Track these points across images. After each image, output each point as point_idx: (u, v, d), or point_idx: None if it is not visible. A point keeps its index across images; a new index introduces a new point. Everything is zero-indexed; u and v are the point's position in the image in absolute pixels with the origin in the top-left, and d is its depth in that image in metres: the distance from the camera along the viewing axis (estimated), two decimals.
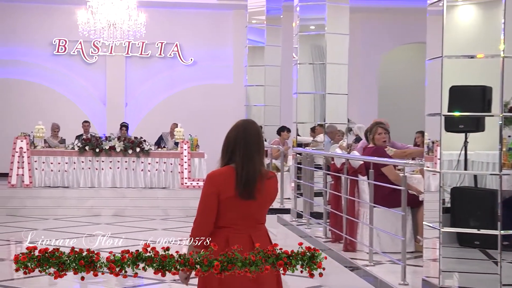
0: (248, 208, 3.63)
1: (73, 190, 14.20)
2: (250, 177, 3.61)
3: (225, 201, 3.61)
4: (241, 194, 3.59)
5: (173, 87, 19.02)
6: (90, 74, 18.74)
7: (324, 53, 10.59)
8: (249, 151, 3.65)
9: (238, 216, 3.64)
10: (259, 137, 3.73)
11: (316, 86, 10.89)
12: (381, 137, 7.77)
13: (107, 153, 14.48)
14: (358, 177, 7.60)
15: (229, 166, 3.67)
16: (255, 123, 3.81)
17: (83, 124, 16.08)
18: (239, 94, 17.93)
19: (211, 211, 3.61)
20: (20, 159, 14.13)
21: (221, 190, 3.61)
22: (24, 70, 18.37)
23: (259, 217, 3.71)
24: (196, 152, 14.80)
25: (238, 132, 3.72)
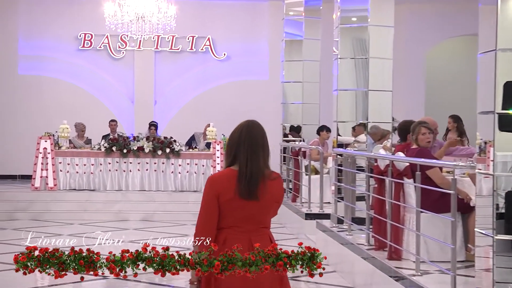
0: (250, 209, 3.79)
1: (100, 193, 14.35)
2: (253, 176, 3.78)
3: (225, 203, 3.78)
4: (242, 194, 3.76)
5: (205, 83, 19.10)
6: (117, 70, 18.92)
7: (366, 46, 10.54)
8: (253, 152, 3.84)
9: (239, 218, 3.80)
10: (263, 138, 3.93)
11: (358, 82, 10.84)
12: (425, 137, 7.70)
13: (135, 154, 14.61)
14: (404, 180, 7.55)
15: (230, 168, 3.86)
16: (259, 124, 3.99)
17: (110, 123, 16.24)
18: (275, 91, 17.94)
19: (211, 214, 3.80)
20: (44, 161, 14.33)
21: (220, 192, 3.78)
22: (47, 66, 18.63)
23: (262, 220, 3.86)
24: None
25: (242, 133, 3.90)
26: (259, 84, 19.05)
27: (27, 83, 18.59)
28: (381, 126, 10.61)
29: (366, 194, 8.78)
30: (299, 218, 11.78)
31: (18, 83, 18.53)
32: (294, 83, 16.09)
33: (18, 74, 18.60)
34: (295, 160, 13.26)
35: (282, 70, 16.31)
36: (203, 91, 19.11)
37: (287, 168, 14.14)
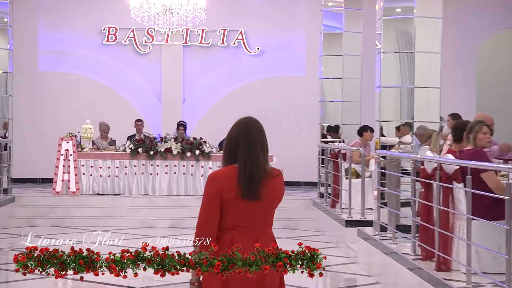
0: (253, 209, 3.96)
1: (125, 198, 14.47)
2: (254, 176, 3.94)
3: (228, 202, 3.94)
4: (245, 194, 3.92)
5: (237, 80, 19.14)
6: (143, 66, 19.03)
7: (412, 40, 10.48)
8: (252, 150, 4.00)
9: (242, 218, 3.96)
10: (262, 135, 4.10)
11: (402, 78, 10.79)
12: (486, 137, 7.63)
13: (162, 156, 14.69)
14: (453, 184, 7.49)
15: (232, 166, 4.01)
16: (257, 121, 4.17)
17: (136, 123, 16.34)
18: (312, 88, 17.89)
19: (213, 213, 3.95)
20: (65, 163, 14.48)
21: (223, 190, 3.94)
22: (69, 62, 18.80)
23: (265, 219, 4.04)
24: None
25: (240, 130, 4.06)
26: (295, 81, 19.03)
27: (48, 80, 18.79)
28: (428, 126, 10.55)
29: (411, 199, 8.73)
30: (338, 226, 11.75)
31: (38, 80, 18.73)
32: (333, 79, 16.04)
33: (38, 71, 18.80)
34: (334, 162, 13.23)
35: (320, 65, 16.27)
36: (235, 88, 19.14)
37: (326, 171, 14.11)
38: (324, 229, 13.13)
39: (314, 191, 15.73)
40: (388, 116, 10.98)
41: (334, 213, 12.39)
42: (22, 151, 17.87)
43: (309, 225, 13.96)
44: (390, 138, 11.17)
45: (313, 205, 14.44)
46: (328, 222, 12.65)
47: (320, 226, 13.60)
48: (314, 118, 17.22)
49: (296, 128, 18.81)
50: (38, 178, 18.40)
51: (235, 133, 4.08)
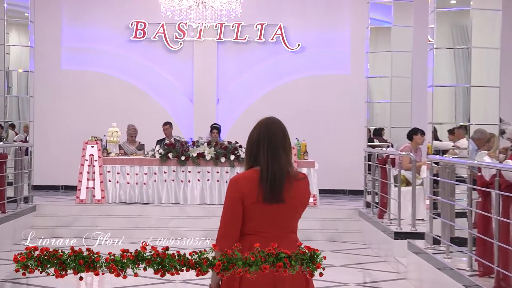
0: (276, 213, 4.10)
1: (154, 207, 14.56)
2: (276, 178, 4.08)
3: (250, 206, 4.09)
4: (267, 198, 4.07)
5: (276, 79, 19.14)
6: (174, 64, 19.12)
7: (468, 34, 10.41)
8: (274, 151, 4.13)
9: (264, 223, 4.11)
10: (284, 136, 4.21)
11: (458, 77, 10.72)
12: None
13: (194, 161, 14.74)
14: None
15: (253, 169, 4.16)
16: (279, 121, 4.26)
17: (163, 127, 16.33)
18: (358, 87, 17.83)
19: (236, 218, 4.10)
20: (90, 169, 14.60)
21: (245, 195, 4.09)
22: (94, 59, 18.95)
23: (289, 225, 4.17)
24: (304, 160, 14.85)
25: (260, 131, 4.20)
26: (339, 80, 18.99)
27: (71, 79, 18.95)
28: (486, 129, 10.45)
29: (467, 209, 8.67)
30: (387, 238, 11.70)
31: (60, 79, 18.90)
32: (381, 78, 15.98)
33: (61, 69, 18.96)
34: (382, 169, 13.17)
35: (367, 63, 16.22)
36: (273, 87, 19.15)
37: (373, 178, 14.06)
38: (371, 241, 13.08)
39: (360, 200, 15.66)
40: (441, 118, 10.91)
41: (381, 224, 12.33)
42: (43, 156, 17.99)
43: (354, 237, 13.91)
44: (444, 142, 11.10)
45: (358, 216, 14.38)
46: (375, 234, 12.60)
47: (366, 238, 13.55)
48: (359, 120, 17.16)
49: (340, 131, 18.76)
50: (60, 186, 18.58)
51: (255, 134, 4.21)
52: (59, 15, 18.97)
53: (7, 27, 14.87)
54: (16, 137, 16.21)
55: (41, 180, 17.66)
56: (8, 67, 15.52)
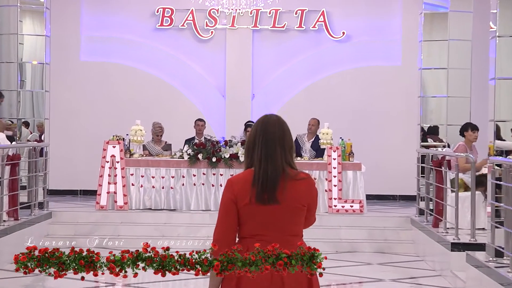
0: (271, 215, 4.28)
1: (182, 214, 14.60)
2: (269, 177, 4.28)
3: (244, 208, 4.30)
4: (259, 198, 4.26)
5: (317, 71, 19.08)
6: (204, 55, 19.12)
7: None
8: (268, 149, 4.33)
9: (259, 225, 4.30)
10: (282, 132, 4.39)
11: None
12: None
13: (227, 163, 14.74)
14: None
15: (249, 170, 4.39)
16: (278, 118, 4.46)
17: (196, 123, 16.37)
18: (410, 80, 17.74)
19: (230, 220, 4.33)
20: (111, 172, 14.63)
21: (238, 196, 4.31)
22: (116, 50, 19.00)
23: (289, 227, 4.34)
24: (349, 162, 14.78)
25: (257, 128, 4.41)
26: (388, 72, 18.87)
27: (91, 72, 19.01)
28: None
29: None
30: (443, 249, 11.61)
31: (79, 71, 18.96)
32: (436, 70, 15.89)
33: (79, 61, 19.02)
34: (437, 172, 13.06)
35: (420, 53, 16.13)
36: (315, 81, 19.07)
37: (427, 182, 13.96)
38: (425, 253, 12.99)
39: (412, 207, 15.57)
40: (505, 115, 10.82)
41: (437, 234, 12.25)
42: (60, 157, 18.10)
43: (406, 249, 13.82)
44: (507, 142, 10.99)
45: (411, 224, 14.30)
46: (429, 245, 12.51)
47: (419, 249, 13.46)
48: (411, 117, 17.07)
49: (390, 130, 18.65)
50: (79, 190, 18.64)
51: (252, 133, 4.43)
52: (78, 1, 19.03)
53: (21, 15, 14.99)
54: (30, 136, 16.34)
55: (57, 184, 17.79)
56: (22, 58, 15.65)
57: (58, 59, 17.74)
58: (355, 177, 14.70)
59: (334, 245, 13.53)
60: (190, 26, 19.03)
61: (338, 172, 14.54)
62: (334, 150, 14.68)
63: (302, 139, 15.99)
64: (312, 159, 15.21)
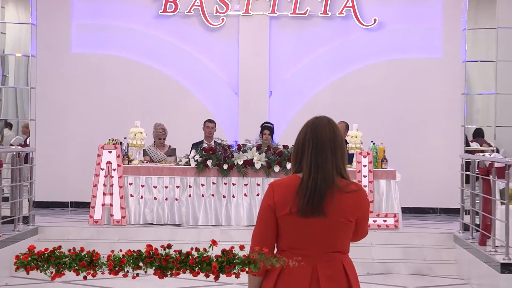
0: (313, 228, 4.42)
1: (188, 230, 14.61)
2: (318, 188, 4.40)
3: (283, 218, 4.45)
4: (303, 209, 4.39)
5: (345, 64, 19.05)
6: (214, 46, 19.13)
7: None
8: (319, 155, 4.47)
9: (300, 238, 4.44)
10: (334, 138, 4.53)
11: None
12: None
13: (240, 171, 14.74)
14: None
15: (295, 175, 4.54)
16: (330, 121, 4.61)
17: (205, 125, 16.38)
18: (452, 75, 17.69)
19: (267, 230, 4.50)
20: (107, 181, 14.62)
21: (278, 204, 4.46)
22: (113, 40, 19.03)
23: (331, 243, 4.47)
24: (382, 170, 14.72)
25: (306, 133, 4.57)
26: (427, 65, 18.82)
27: (84, 65, 19.03)
28: None
29: None
30: (491, 271, 11.56)
31: (70, 65, 18.99)
32: (483, 62, 15.81)
33: (70, 53, 19.05)
34: (484, 181, 13.00)
35: (464, 43, 16.06)
36: (342, 75, 19.06)
37: (472, 193, 13.89)
38: (470, 275, 12.93)
39: (455, 221, 15.52)
40: None
41: (484, 253, 12.19)
42: (48, 164, 18.11)
43: (448, 270, 13.76)
44: None
45: (453, 242, 14.24)
46: (475, 266, 12.45)
47: (463, 271, 13.40)
48: (453, 117, 17.01)
49: (429, 132, 18.59)
50: (69, 202, 18.65)
51: (301, 136, 4.58)
52: None
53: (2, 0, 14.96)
54: (13, 140, 16.32)
55: (44, 195, 17.81)
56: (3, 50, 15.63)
57: (45, 51, 17.75)
58: (388, 187, 14.64)
59: (365, 265, 13.45)
60: (197, 12, 19.03)
61: (369, 181, 14.47)
62: (364, 156, 14.62)
63: None
64: None
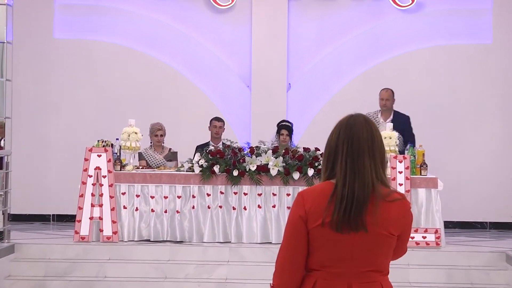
0: (349, 244, 4.49)
1: (191, 248, 14.53)
2: (356, 198, 4.46)
3: (315, 231, 4.52)
4: (339, 223, 4.46)
5: (377, 52, 19.08)
6: (222, 31, 19.19)
7: None
8: (356, 160, 4.54)
9: (334, 255, 4.51)
10: (373, 140, 4.60)
11: None
12: None
13: (253, 178, 14.69)
14: None
15: (328, 181, 4.62)
16: (366, 117, 4.69)
17: (212, 124, 16.43)
18: (504, 64, 17.61)
19: (297, 245, 4.56)
20: (96, 190, 14.58)
21: (310, 213, 4.53)
22: (103, 24, 19.09)
23: (371, 260, 4.55)
24: (421, 177, 14.65)
25: (340, 134, 4.64)
26: (474, 53, 18.81)
27: (68, 53, 19.07)
28: None
29: None
30: None
31: (52, 53, 19.05)
32: None
33: (52, 38, 19.11)
34: None
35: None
36: (373, 65, 19.10)
37: None
38: None
39: (508, 238, 15.44)
40: None
41: None
42: (26, 170, 18.14)
43: None
44: None
45: (506, 262, 14.16)
46: None
47: None
48: (508, 115, 16.90)
49: (478, 132, 18.51)
50: (51, 215, 18.71)
51: (334, 138, 4.67)
52: None
53: None
54: None
55: (22, 207, 17.87)
56: None
57: (23, 37, 17.78)
58: (429, 197, 14.57)
59: None
60: None
61: (406, 190, 14.37)
62: (400, 161, 14.52)
63: (374, 119, 16.00)
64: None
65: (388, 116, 16.05)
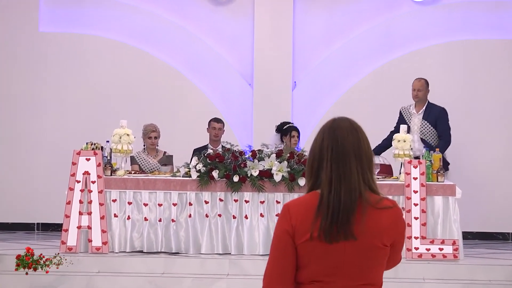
0: (340, 256, 4.60)
1: (188, 260, 14.52)
2: (342, 204, 4.57)
3: (303, 245, 4.63)
4: (326, 233, 4.57)
5: (390, 48, 19.08)
6: (222, 26, 19.24)
7: None
8: (341, 164, 4.65)
9: (324, 269, 4.62)
10: (359, 142, 4.71)
11: None
12: None
13: (255, 184, 14.64)
14: None
15: (314, 192, 4.72)
16: (351, 121, 4.78)
17: (211, 125, 16.44)
18: None
19: (285, 261, 4.66)
20: (84, 197, 14.53)
21: (296, 228, 4.65)
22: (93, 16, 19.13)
23: (364, 273, 4.65)
24: (438, 183, 14.58)
25: (324, 138, 4.74)
26: (498, 49, 18.81)
27: (55, 48, 19.07)
28: None
29: None
30: None
31: (37, 48, 19.03)
32: None
33: (38, 32, 19.11)
34: None
35: None
36: (385, 63, 19.13)
37: None
38: None
39: None
40: None
41: None
42: (9, 175, 18.10)
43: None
44: None
45: None
46: None
47: None
48: None
49: (500, 135, 18.52)
50: (36, 224, 18.72)
51: (318, 143, 4.77)
52: None
53: None
54: None
55: (4, 215, 17.80)
56: None
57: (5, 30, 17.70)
58: (446, 205, 14.53)
59: None
60: None
61: (421, 198, 14.33)
62: (415, 166, 14.46)
63: (407, 112, 16.31)
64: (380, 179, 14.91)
65: (421, 108, 16.13)
